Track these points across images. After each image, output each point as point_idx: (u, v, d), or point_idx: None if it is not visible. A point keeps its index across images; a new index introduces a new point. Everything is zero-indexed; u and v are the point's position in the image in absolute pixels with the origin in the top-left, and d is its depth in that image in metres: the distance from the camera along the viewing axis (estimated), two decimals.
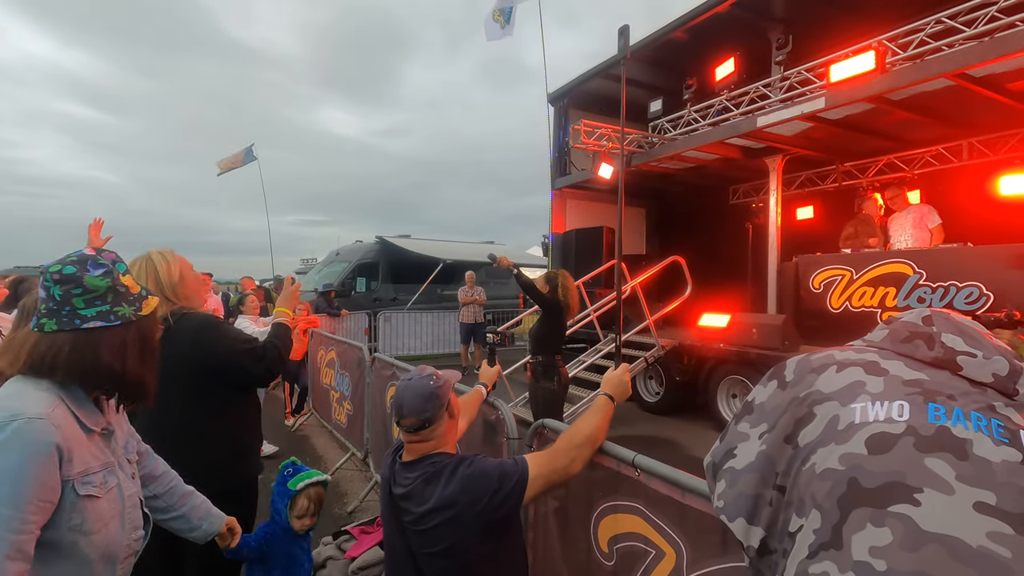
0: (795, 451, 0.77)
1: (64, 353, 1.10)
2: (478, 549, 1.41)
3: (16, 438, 1.01)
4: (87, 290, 1.13)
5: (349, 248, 13.68)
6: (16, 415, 1.03)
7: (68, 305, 1.12)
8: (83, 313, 1.13)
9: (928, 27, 4.65)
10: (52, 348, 1.10)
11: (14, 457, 1.00)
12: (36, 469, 1.01)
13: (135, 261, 1.94)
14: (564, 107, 8.69)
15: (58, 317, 1.11)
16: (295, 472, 2.16)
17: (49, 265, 1.13)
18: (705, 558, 1.38)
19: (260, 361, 1.97)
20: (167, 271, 1.93)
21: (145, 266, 1.93)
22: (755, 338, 5.47)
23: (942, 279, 4.63)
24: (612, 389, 1.75)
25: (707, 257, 7.87)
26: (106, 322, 1.14)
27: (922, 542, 0.59)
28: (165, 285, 1.91)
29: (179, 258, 2.00)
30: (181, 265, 1.98)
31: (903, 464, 0.65)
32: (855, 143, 6.65)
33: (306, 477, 2.14)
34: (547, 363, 3.90)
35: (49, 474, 1.03)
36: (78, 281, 1.12)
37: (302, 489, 2.09)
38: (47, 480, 1.02)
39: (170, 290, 1.92)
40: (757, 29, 6.33)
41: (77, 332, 1.12)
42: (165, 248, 2.02)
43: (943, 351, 0.78)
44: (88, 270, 1.13)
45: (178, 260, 1.98)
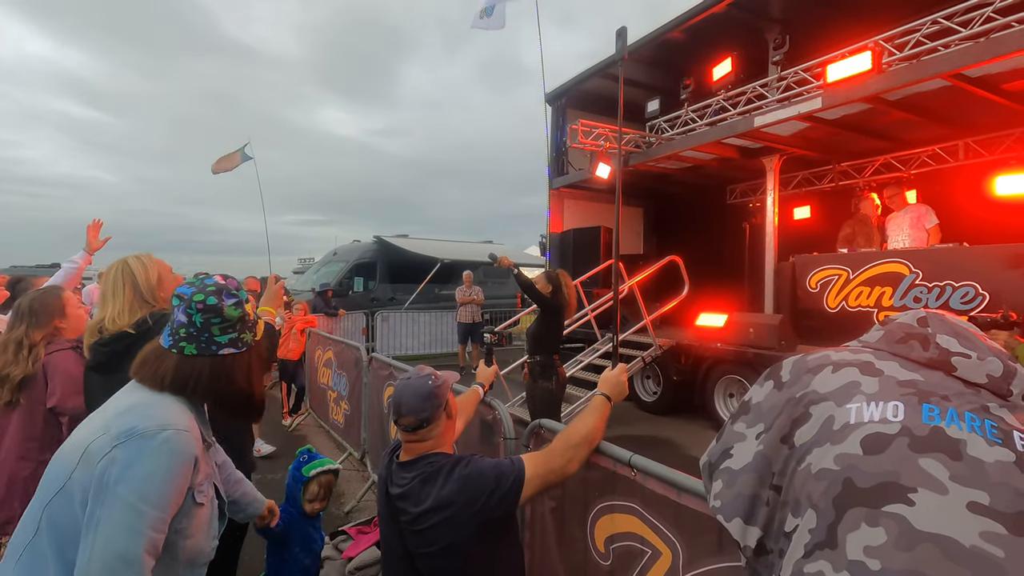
0: (791, 451, 0.77)
1: (204, 377, 1.24)
2: (475, 549, 1.41)
3: (166, 446, 1.11)
4: (224, 319, 1.25)
5: (347, 248, 13.65)
6: (167, 425, 1.13)
7: (207, 332, 1.24)
8: (218, 340, 1.25)
9: (924, 28, 4.66)
10: (194, 372, 1.23)
11: (164, 463, 1.10)
12: (180, 476, 1.12)
13: (111, 266, 1.96)
14: (562, 107, 8.69)
15: (197, 342, 1.24)
16: (309, 460, 2.38)
17: (192, 292, 1.24)
18: (701, 558, 1.38)
19: None
20: (145, 275, 1.94)
21: (121, 271, 1.93)
22: (752, 338, 5.48)
23: (938, 279, 4.65)
24: (609, 389, 1.75)
25: (704, 257, 7.88)
26: (236, 349, 1.28)
27: (916, 542, 0.59)
28: (143, 289, 1.92)
29: (157, 261, 2.02)
30: (159, 268, 2.00)
31: (897, 464, 0.65)
32: (852, 143, 6.66)
33: (319, 465, 2.35)
34: (545, 363, 3.90)
35: (186, 481, 1.14)
36: (218, 311, 1.24)
37: (314, 476, 2.30)
38: (183, 486, 1.14)
39: (149, 293, 1.93)
40: (754, 29, 6.35)
41: (214, 358, 1.25)
42: (143, 252, 2.02)
43: (938, 352, 0.78)
44: (225, 300, 1.26)
45: (155, 263, 2.00)
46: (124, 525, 1.04)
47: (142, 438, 1.10)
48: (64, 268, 2.86)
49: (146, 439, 1.10)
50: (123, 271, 1.93)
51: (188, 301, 1.23)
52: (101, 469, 1.07)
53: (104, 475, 1.06)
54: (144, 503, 1.06)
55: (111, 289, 1.91)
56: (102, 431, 1.13)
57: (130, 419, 1.13)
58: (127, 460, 1.08)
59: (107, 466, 1.07)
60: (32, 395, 2.18)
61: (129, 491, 1.06)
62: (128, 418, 1.14)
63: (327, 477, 2.35)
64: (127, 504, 1.05)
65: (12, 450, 2.16)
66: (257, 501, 1.78)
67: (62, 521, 1.08)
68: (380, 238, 12.95)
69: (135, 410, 1.16)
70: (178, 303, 1.25)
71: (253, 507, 1.77)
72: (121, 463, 1.07)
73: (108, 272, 1.96)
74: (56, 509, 1.09)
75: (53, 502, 1.10)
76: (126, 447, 1.09)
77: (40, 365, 2.20)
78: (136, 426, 1.12)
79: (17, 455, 2.15)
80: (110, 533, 1.03)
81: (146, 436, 1.11)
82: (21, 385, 2.17)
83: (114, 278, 1.92)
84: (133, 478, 1.07)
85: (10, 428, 2.18)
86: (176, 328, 1.24)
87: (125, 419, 1.14)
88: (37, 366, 2.20)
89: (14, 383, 2.16)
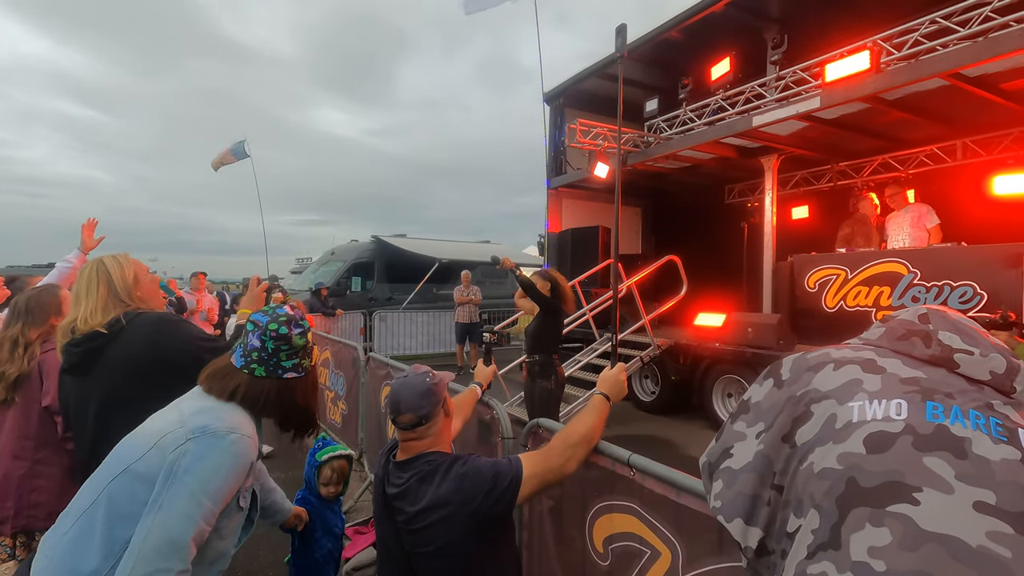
0: (792, 450, 0.76)
1: (272, 397, 1.39)
2: (472, 549, 1.40)
3: (233, 448, 1.24)
4: (291, 347, 1.42)
5: (345, 247, 13.63)
6: (235, 429, 1.27)
7: (275, 358, 1.40)
8: (284, 365, 1.41)
9: (923, 27, 4.67)
10: (263, 391, 1.38)
11: (228, 462, 1.23)
12: (237, 477, 1.25)
13: (86, 265, 1.92)
14: (560, 106, 8.69)
15: (267, 366, 1.39)
16: (323, 446, 2.48)
17: (267, 321, 1.40)
18: (701, 558, 1.37)
19: None
20: (121, 275, 1.90)
21: (96, 270, 1.89)
22: (750, 337, 5.47)
23: (936, 279, 4.65)
24: (608, 389, 1.74)
25: (702, 256, 7.88)
26: (297, 373, 1.44)
27: (921, 542, 0.58)
28: (119, 289, 1.88)
29: (133, 261, 1.98)
30: (136, 268, 1.96)
31: (902, 463, 0.64)
32: (850, 143, 6.67)
33: (331, 451, 2.45)
34: (544, 362, 3.90)
35: (239, 483, 1.27)
36: (288, 340, 1.41)
37: (326, 461, 2.40)
38: (236, 488, 1.26)
39: (124, 293, 1.89)
40: (753, 29, 6.35)
41: (280, 380, 1.41)
42: (119, 252, 1.98)
43: (940, 349, 0.77)
44: (294, 330, 1.42)
45: (132, 263, 1.96)
46: (183, 512, 1.15)
47: (214, 436, 1.24)
48: (58, 267, 2.84)
49: (217, 438, 1.24)
50: (98, 270, 1.89)
51: (263, 328, 1.39)
52: (173, 458, 1.19)
53: (175, 464, 1.18)
54: (205, 495, 1.18)
55: (85, 287, 1.87)
56: (178, 424, 1.26)
57: (204, 418, 1.27)
58: (198, 454, 1.20)
59: (179, 456, 1.19)
60: (27, 394, 2.16)
61: (195, 481, 1.18)
62: (203, 417, 1.27)
63: (340, 462, 2.45)
64: (191, 493, 1.17)
65: (7, 448, 2.14)
66: (284, 511, 1.92)
67: (121, 498, 1.19)
68: (378, 238, 12.93)
69: (209, 412, 1.29)
70: (252, 328, 1.40)
71: (280, 515, 1.90)
72: (192, 455, 1.20)
73: (83, 271, 1.92)
74: (118, 486, 1.20)
75: (118, 479, 1.21)
76: (199, 442, 1.22)
77: (36, 363, 2.18)
78: (209, 425, 1.25)
79: (12, 454, 2.13)
80: (169, 517, 1.14)
81: (217, 435, 1.24)
82: (16, 383, 2.15)
83: (88, 276, 1.88)
84: (201, 470, 1.19)
85: (5, 426, 2.16)
86: (249, 351, 1.39)
87: (200, 418, 1.27)
88: (32, 364, 2.17)
89: (9, 381, 2.13)
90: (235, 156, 11.99)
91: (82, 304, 1.83)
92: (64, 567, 1.16)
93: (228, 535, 1.32)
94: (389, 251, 12.67)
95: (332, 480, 2.43)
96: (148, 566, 1.10)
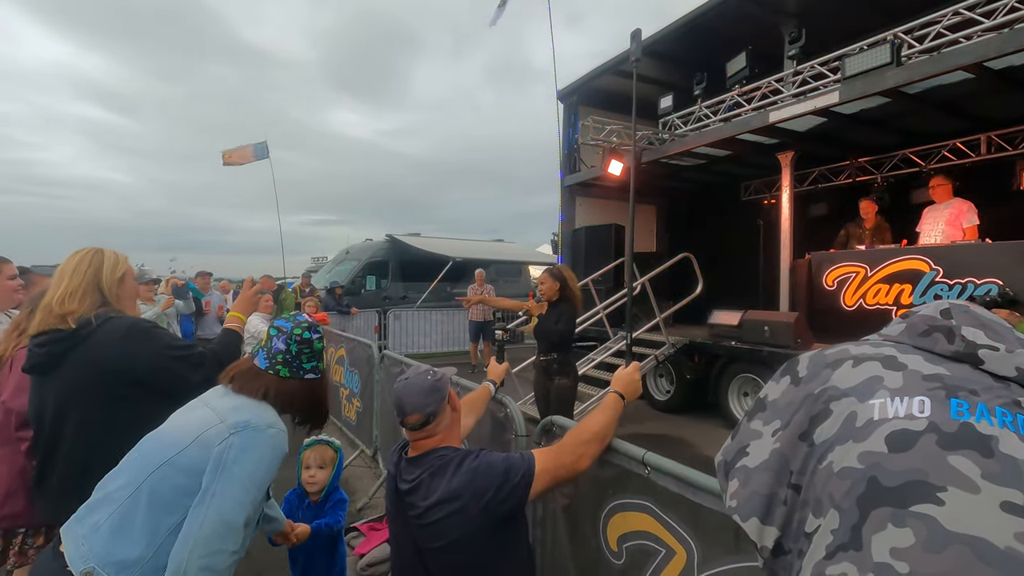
0: (811, 449, 0.74)
1: (298, 396, 1.53)
2: (484, 543, 1.40)
3: (273, 441, 1.38)
4: (312, 351, 1.56)
5: (359, 246, 13.72)
6: (274, 424, 1.41)
7: (298, 360, 1.53)
8: (305, 366, 1.55)
9: (945, 19, 4.55)
10: (290, 391, 1.51)
11: (270, 454, 1.37)
12: (275, 468, 1.40)
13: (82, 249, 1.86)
14: (574, 104, 8.64)
15: (291, 367, 1.52)
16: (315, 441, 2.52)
17: (292, 327, 1.54)
18: (717, 557, 1.36)
19: (197, 369, 1.79)
20: (112, 267, 1.85)
21: (92, 256, 1.84)
22: (767, 336, 5.41)
23: (959, 276, 4.54)
24: (623, 387, 1.73)
25: (718, 254, 7.80)
26: (315, 375, 1.58)
27: (946, 543, 0.56)
28: (104, 278, 1.82)
29: (128, 265, 1.95)
30: (127, 270, 1.92)
31: (925, 462, 0.63)
32: (869, 138, 6.55)
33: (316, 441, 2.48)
34: (563, 360, 3.93)
35: (275, 473, 1.41)
36: (310, 344, 1.55)
37: (308, 445, 2.44)
38: (273, 478, 1.41)
39: (108, 285, 1.83)
40: (769, 23, 6.24)
41: (302, 380, 1.54)
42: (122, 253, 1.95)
43: (964, 344, 0.75)
44: (314, 335, 1.56)
45: (126, 264, 1.93)
46: (235, 499, 1.28)
47: (256, 430, 1.36)
48: None
49: (259, 431, 1.36)
50: (93, 256, 1.84)
51: (288, 334, 1.52)
52: (220, 451, 1.30)
53: (223, 456, 1.29)
54: (252, 482, 1.31)
55: (72, 267, 1.80)
56: (217, 421, 1.36)
57: (244, 415, 1.38)
58: (243, 446, 1.32)
59: (226, 449, 1.30)
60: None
61: (242, 471, 1.30)
62: (242, 414, 1.38)
63: (320, 447, 2.43)
64: (240, 481, 1.29)
65: None
66: (279, 520, 1.96)
67: (163, 489, 1.28)
68: (392, 237, 13.00)
69: (246, 409, 1.41)
70: (276, 333, 1.53)
71: (274, 525, 1.94)
72: (238, 448, 1.31)
73: (75, 253, 1.84)
74: (159, 478, 1.29)
75: (158, 471, 1.30)
76: (242, 436, 1.33)
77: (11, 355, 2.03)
78: (251, 420, 1.37)
79: None
80: (223, 504, 1.26)
81: (259, 429, 1.36)
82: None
83: (80, 258, 1.82)
84: (248, 461, 1.31)
85: None
86: (274, 354, 1.51)
87: (239, 414, 1.38)
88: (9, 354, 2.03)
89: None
90: (256, 156, 12.21)
91: (64, 283, 1.77)
92: (107, 555, 1.23)
93: (251, 523, 1.40)
94: (403, 250, 12.74)
95: (314, 462, 2.38)
96: (207, 548, 1.21)
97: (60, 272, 1.81)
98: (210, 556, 1.22)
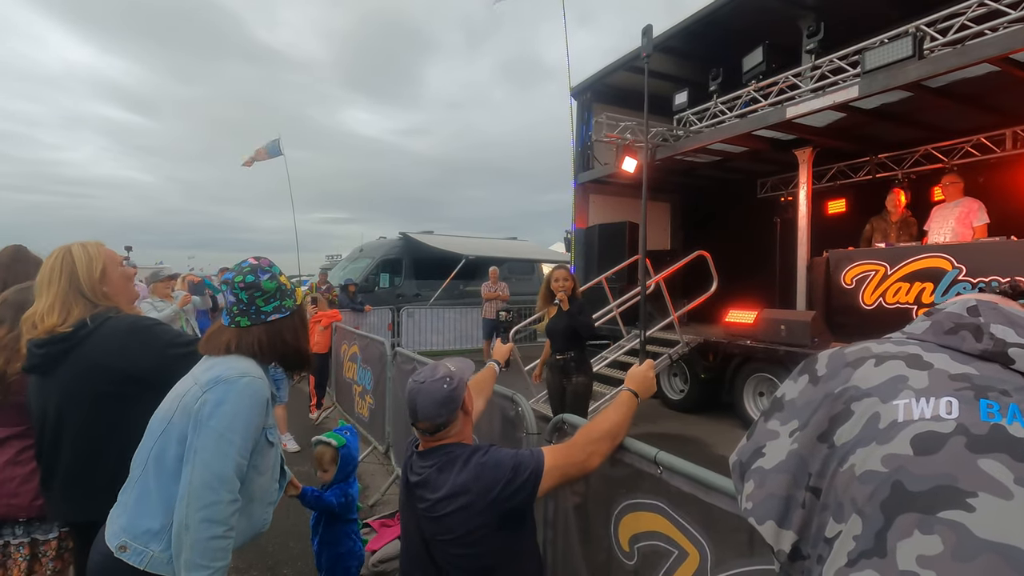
0: (831, 451, 0.72)
1: (264, 342, 1.48)
2: (490, 539, 1.40)
3: (247, 388, 1.38)
4: (264, 292, 1.49)
5: (373, 244, 13.79)
6: (245, 373, 1.40)
7: (253, 305, 1.48)
8: (265, 310, 1.49)
9: (970, 10, 4.43)
10: (253, 339, 1.47)
11: (246, 401, 1.37)
12: (257, 413, 1.39)
13: (52, 253, 1.75)
14: (587, 101, 8.58)
15: (249, 315, 1.48)
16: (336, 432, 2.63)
17: (233, 276, 1.48)
18: (731, 560, 1.33)
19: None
20: (87, 267, 1.72)
21: (61, 259, 1.71)
22: (783, 335, 5.33)
23: (983, 274, 4.43)
24: (636, 385, 1.71)
25: (734, 252, 7.69)
26: (281, 314, 1.52)
27: (977, 552, 0.53)
28: (83, 282, 1.71)
29: (105, 252, 1.80)
30: (105, 260, 1.78)
31: (954, 466, 0.59)
32: (890, 133, 6.41)
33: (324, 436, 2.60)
34: (579, 358, 3.98)
35: (261, 419, 1.41)
36: (257, 287, 1.48)
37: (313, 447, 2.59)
38: (260, 424, 1.41)
39: (89, 288, 1.71)
40: (786, 17, 6.14)
41: (266, 324, 1.49)
42: (90, 240, 1.80)
43: (993, 343, 0.71)
44: (260, 276, 1.49)
45: (102, 255, 1.78)
46: (218, 451, 1.30)
47: (226, 383, 1.36)
48: None
49: (230, 383, 1.36)
50: (63, 260, 1.71)
51: (232, 284, 1.48)
52: (196, 410, 1.33)
53: (199, 414, 1.33)
54: (232, 432, 1.33)
55: (47, 278, 1.70)
56: (192, 384, 1.39)
57: (215, 372, 1.39)
58: (216, 400, 1.34)
59: (200, 407, 1.33)
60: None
61: (219, 424, 1.32)
62: (213, 371, 1.39)
63: (320, 448, 2.55)
64: (219, 434, 1.31)
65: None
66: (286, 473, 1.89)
67: (164, 458, 1.35)
68: (406, 235, 13.04)
69: (218, 366, 1.41)
70: (225, 288, 1.49)
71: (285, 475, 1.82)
72: (211, 403, 1.33)
73: (48, 258, 1.73)
74: (159, 450, 1.36)
75: (157, 443, 1.37)
76: (214, 391, 1.35)
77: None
78: (220, 375, 1.38)
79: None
80: (207, 457, 1.29)
81: (230, 381, 1.37)
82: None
83: (51, 266, 1.70)
84: (223, 414, 1.33)
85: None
86: (230, 308, 1.49)
87: (210, 372, 1.40)
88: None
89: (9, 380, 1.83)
90: (269, 153, 12.48)
91: (42, 297, 1.68)
92: (134, 527, 1.33)
93: (266, 471, 1.47)
94: (417, 248, 12.77)
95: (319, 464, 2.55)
96: (200, 500, 1.26)
97: (38, 284, 1.72)
98: (206, 508, 1.27)
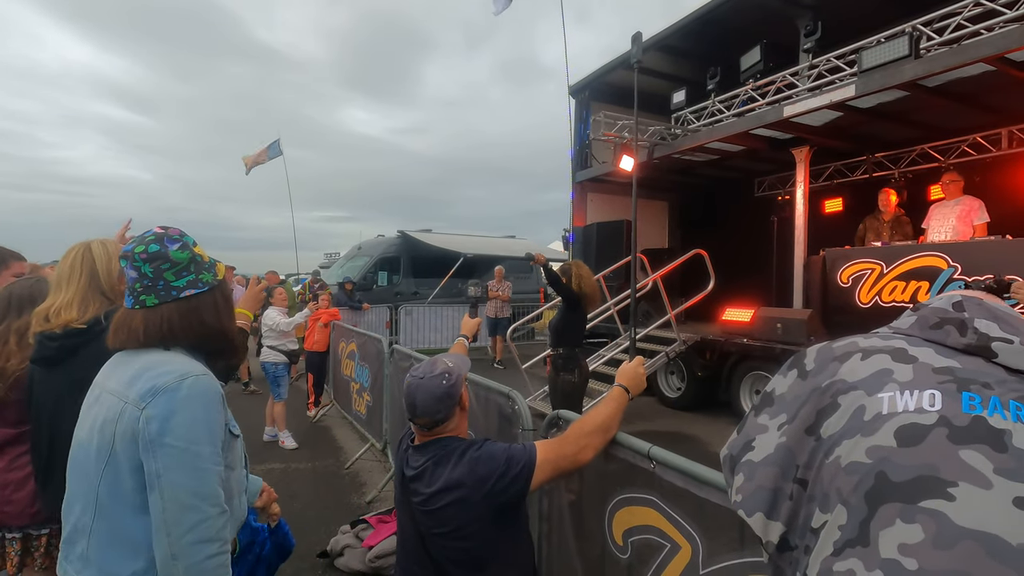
0: (817, 443, 0.73)
1: (176, 321, 1.22)
2: (484, 532, 1.42)
3: (194, 391, 1.15)
4: (174, 263, 1.23)
5: (371, 242, 13.78)
6: (185, 374, 1.15)
7: (161, 279, 1.21)
8: (176, 285, 1.23)
9: (966, 10, 4.45)
10: (163, 319, 1.21)
11: (199, 406, 1.14)
12: (217, 413, 1.18)
13: (72, 248, 1.74)
14: (585, 100, 8.58)
15: (156, 292, 1.21)
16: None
17: (133, 247, 1.22)
18: (722, 552, 1.34)
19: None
20: (107, 264, 1.72)
21: (82, 256, 1.71)
22: (780, 333, 5.35)
23: (978, 273, 4.45)
24: (627, 381, 1.73)
25: (731, 251, 7.71)
26: (197, 289, 1.25)
27: (957, 539, 0.55)
28: (103, 279, 1.71)
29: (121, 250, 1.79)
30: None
31: (936, 457, 0.61)
32: (887, 132, 6.43)
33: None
34: (568, 355, 3.94)
35: (221, 416, 1.20)
36: (165, 257, 1.22)
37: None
38: (222, 421, 1.20)
39: (108, 285, 1.72)
40: (784, 16, 6.15)
41: (178, 301, 1.23)
42: (108, 238, 1.81)
43: (976, 337, 0.73)
44: (168, 245, 1.23)
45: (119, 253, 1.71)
46: (186, 467, 1.10)
47: (166, 392, 1.13)
48: None
49: (171, 391, 1.13)
50: (83, 256, 1.70)
51: (132, 256, 1.22)
52: (141, 433, 1.10)
53: (146, 435, 1.10)
54: (196, 444, 1.12)
55: (67, 274, 1.68)
56: (120, 403, 1.15)
57: (145, 382, 1.14)
58: (162, 415, 1.11)
59: (144, 427, 1.10)
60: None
61: (176, 439, 1.10)
62: (142, 382, 1.15)
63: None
64: (180, 451, 1.10)
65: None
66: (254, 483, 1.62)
67: (120, 493, 1.12)
68: (404, 233, 13.03)
69: (145, 373, 1.16)
70: (125, 263, 1.23)
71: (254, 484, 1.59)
72: (158, 419, 1.10)
73: (68, 254, 1.72)
74: (108, 488, 1.13)
75: (103, 482, 1.14)
76: (154, 405, 1.11)
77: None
78: (155, 385, 1.13)
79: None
80: (175, 479, 1.09)
81: (169, 389, 1.13)
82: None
83: (72, 262, 1.70)
84: (176, 427, 1.11)
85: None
86: (132, 286, 1.22)
87: (140, 384, 1.14)
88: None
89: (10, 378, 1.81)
90: (270, 155, 12.50)
91: (61, 292, 1.67)
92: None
93: (236, 464, 1.29)
94: (415, 246, 12.77)
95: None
96: (183, 525, 1.08)
97: (57, 279, 1.72)
98: (194, 530, 1.09)
